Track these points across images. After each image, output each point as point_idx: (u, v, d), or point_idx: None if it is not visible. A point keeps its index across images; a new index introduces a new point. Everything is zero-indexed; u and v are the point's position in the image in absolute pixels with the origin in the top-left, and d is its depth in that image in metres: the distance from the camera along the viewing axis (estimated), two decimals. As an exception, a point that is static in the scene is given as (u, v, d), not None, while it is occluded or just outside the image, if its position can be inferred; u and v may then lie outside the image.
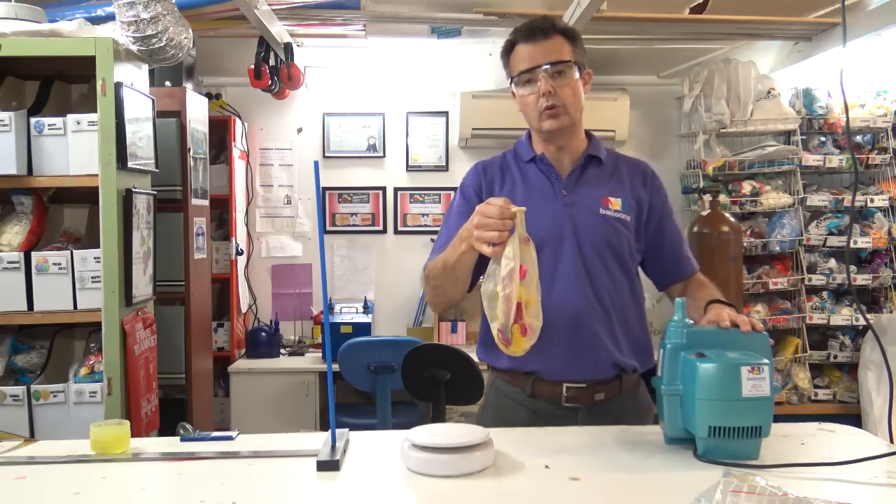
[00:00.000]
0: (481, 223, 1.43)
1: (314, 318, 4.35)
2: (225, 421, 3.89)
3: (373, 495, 1.25)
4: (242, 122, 4.24)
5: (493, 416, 1.78)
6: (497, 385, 1.80)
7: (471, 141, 4.22)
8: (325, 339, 1.69)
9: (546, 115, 1.71)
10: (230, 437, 1.54)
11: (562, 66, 1.69)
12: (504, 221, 1.41)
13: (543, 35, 1.70)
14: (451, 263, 1.60)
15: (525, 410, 1.73)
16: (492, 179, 1.80)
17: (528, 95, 1.72)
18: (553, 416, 1.70)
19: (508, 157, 1.85)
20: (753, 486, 1.15)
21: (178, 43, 2.56)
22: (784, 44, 3.98)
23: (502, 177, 1.80)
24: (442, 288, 1.69)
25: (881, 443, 1.47)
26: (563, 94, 1.69)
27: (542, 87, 1.68)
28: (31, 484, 1.32)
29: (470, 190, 1.80)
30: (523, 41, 1.72)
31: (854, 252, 4.05)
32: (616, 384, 1.73)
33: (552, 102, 1.69)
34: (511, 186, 1.78)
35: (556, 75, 1.69)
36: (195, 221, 3.30)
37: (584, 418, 1.71)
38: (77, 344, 2.69)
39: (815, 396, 3.94)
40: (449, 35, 3.78)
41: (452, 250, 1.59)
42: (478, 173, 1.82)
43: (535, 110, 1.72)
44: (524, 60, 1.71)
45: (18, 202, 2.55)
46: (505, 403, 1.77)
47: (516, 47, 1.74)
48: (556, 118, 1.71)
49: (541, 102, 1.70)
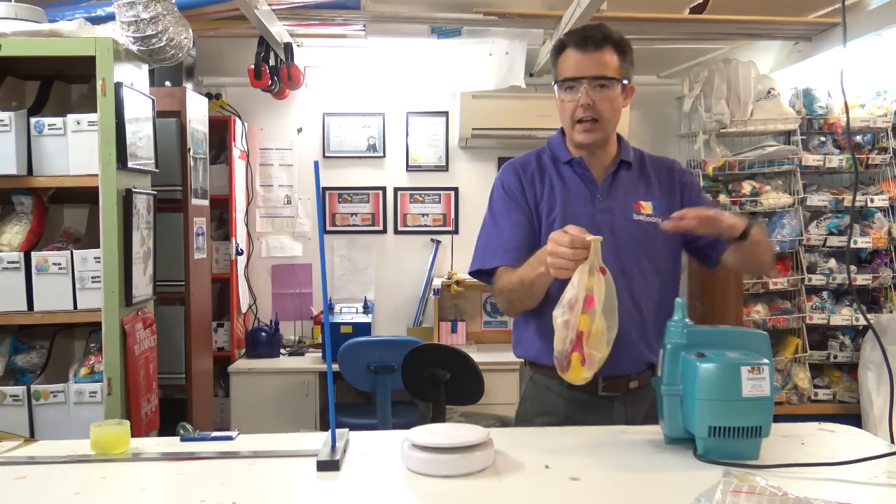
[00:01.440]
0: (553, 251, 1.46)
1: (314, 318, 4.35)
2: (225, 421, 3.89)
3: (373, 495, 1.25)
4: (242, 122, 4.24)
5: (533, 408, 1.85)
6: (535, 379, 1.85)
7: (471, 141, 4.22)
8: (325, 339, 1.69)
9: (580, 127, 1.73)
10: (230, 437, 1.54)
11: (606, 81, 1.70)
12: (576, 251, 1.43)
13: (594, 46, 1.70)
14: (528, 281, 1.65)
15: (563, 401, 1.78)
16: (532, 179, 1.81)
17: (567, 102, 1.73)
18: (590, 405, 1.76)
19: (545, 158, 1.86)
20: (753, 486, 1.15)
21: (178, 43, 2.56)
22: (784, 44, 3.97)
23: (541, 178, 1.81)
24: (519, 301, 1.76)
25: (881, 443, 1.47)
26: (601, 108, 1.71)
27: (582, 99, 1.70)
28: (31, 484, 1.32)
29: (513, 189, 1.82)
30: (574, 47, 1.72)
31: (854, 252, 4.05)
32: (649, 373, 1.77)
33: (590, 115, 1.71)
34: (550, 188, 1.80)
35: (599, 88, 1.70)
36: (195, 221, 3.30)
37: (620, 406, 1.76)
38: (77, 344, 2.69)
39: (815, 396, 3.94)
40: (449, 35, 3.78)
41: (530, 269, 1.64)
42: (516, 172, 1.83)
43: (570, 118, 1.74)
44: (570, 68, 1.71)
45: (18, 202, 2.54)
46: (544, 395, 1.82)
47: (566, 51, 1.74)
48: (589, 133, 1.73)
49: (577, 112, 1.71)
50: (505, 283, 1.74)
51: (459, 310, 4.32)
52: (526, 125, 3.96)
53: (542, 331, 1.75)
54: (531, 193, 1.80)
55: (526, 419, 1.85)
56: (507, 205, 1.81)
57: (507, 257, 1.76)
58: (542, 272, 1.57)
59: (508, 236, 1.78)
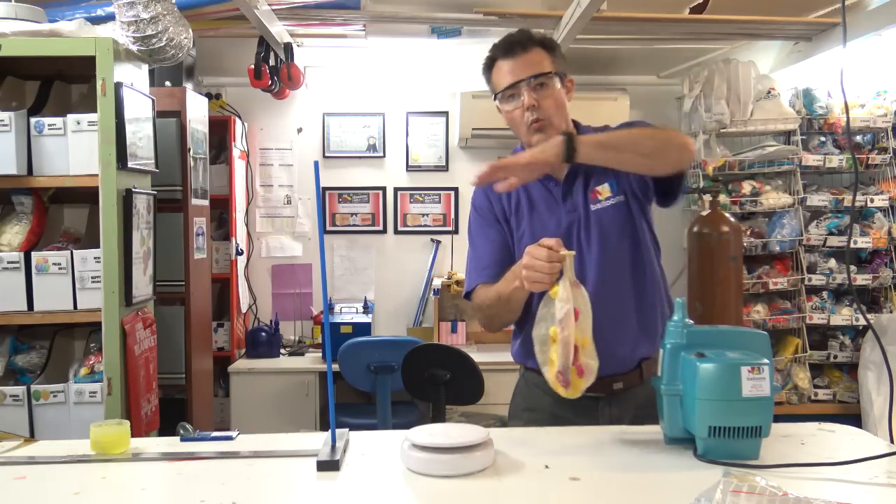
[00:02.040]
0: (529, 264, 1.48)
1: (314, 318, 4.35)
2: (225, 421, 3.89)
3: (373, 495, 1.25)
4: (242, 122, 4.24)
5: (522, 403, 1.88)
6: (526, 376, 1.89)
7: (471, 141, 4.22)
8: (325, 339, 1.69)
9: (533, 128, 1.71)
10: (230, 437, 1.54)
11: (542, 78, 1.70)
12: (552, 265, 1.45)
13: (522, 49, 1.71)
14: (505, 296, 1.68)
15: (549, 398, 1.78)
16: (499, 195, 1.81)
17: (513, 111, 1.73)
18: (575, 405, 1.73)
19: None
20: (753, 486, 1.15)
21: (178, 43, 2.56)
22: (784, 44, 3.97)
23: (507, 194, 1.80)
24: (498, 316, 1.77)
25: (881, 443, 1.47)
26: (546, 105, 1.70)
27: (526, 101, 1.69)
28: (31, 484, 1.32)
29: (483, 208, 1.84)
30: (503, 56, 1.72)
31: (854, 252, 4.05)
32: (636, 373, 1.76)
33: (537, 116, 1.70)
34: (517, 201, 1.81)
35: (539, 87, 1.70)
36: (195, 221, 3.30)
37: (604, 406, 1.76)
38: (77, 344, 2.69)
39: (815, 396, 3.94)
40: (449, 35, 3.78)
41: (506, 284, 1.66)
42: (485, 192, 1.84)
43: (522, 125, 1.73)
44: (506, 76, 1.72)
45: (18, 202, 2.55)
46: (532, 392, 1.84)
47: (497, 63, 1.74)
48: (542, 132, 1.71)
49: (526, 116, 1.71)
50: (482, 299, 1.77)
51: (459, 310, 4.31)
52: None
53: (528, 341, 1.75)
54: (499, 209, 1.82)
55: (515, 414, 1.89)
56: (479, 224, 1.84)
57: (482, 275, 1.79)
58: (517, 286, 1.59)
59: (482, 254, 1.81)
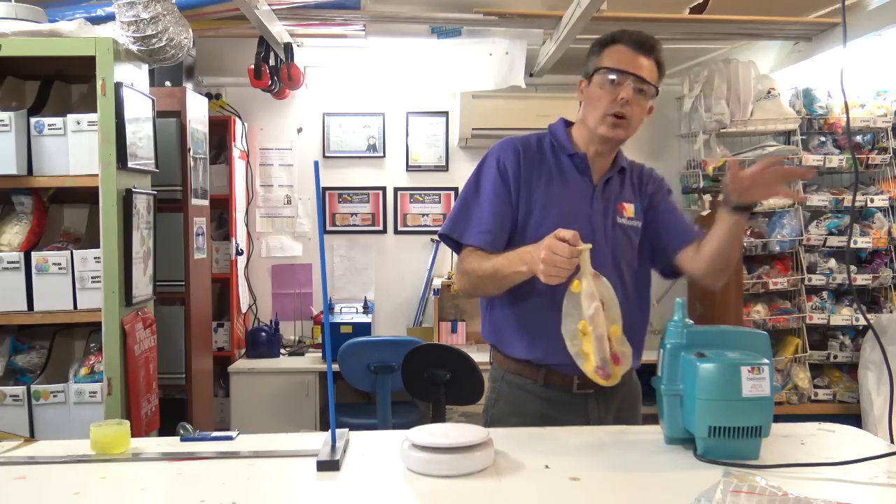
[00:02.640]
0: (549, 259, 1.46)
1: (314, 318, 4.35)
2: (225, 421, 3.89)
3: (373, 495, 1.25)
4: (242, 122, 4.24)
5: (507, 408, 1.81)
6: (508, 378, 1.82)
7: (471, 141, 4.22)
8: (325, 339, 1.69)
9: (610, 121, 1.71)
10: (230, 437, 1.54)
11: (649, 87, 1.72)
12: (572, 260, 1.45)
13: (649, 52, 1.73)
14: (502, 274, 1.65)
15: (538, 400, 1.78)
16: (531, 163, 1.78)
17: (605, 93, 1.72)
18: (566, 403, 1.76)
19: (545, 145, 1.83)
20: (753, 486, 1.15)
21: (178, 43, 2.56)
22: (784, 44, 3.97)
23: (540, 165, 1.79)
24: (484, 288, 1.75)
25: (881, 443, 1.47)
26: (635, 110, 1.72)
27: (624, 93, 1.69)
28: (31, 484, 1.32)
29: (508, 172, 1.77)
30: (628, 45, 1.73)
31: (854, 252, 4.05)
32: None
33: (624, 112, 1.70)
34: (548, 178, 1.78)
35: (639, 92, 1.71)
36: (195, 221, 3.30)
37: (593, 403, 1.77)
38: (77, 344, 2.69)
39: (815, 396, 3.94)
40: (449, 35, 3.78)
41: (509, 264, 1.63)
42: (517, 153, 1.79)
43: (601, 110, 1.72)
44: (622, 61, 1.71)
45: (18, 202, 2.55)
46: (518, 395, 1.80)
47: (617, 45, 1.74)
48: (616, 128, 1.72)
49: (612, 107, 1.70)
50: (475, 266, 1.71)
51: (459, 310, 4.32)
52: (526, 125, 3.93)
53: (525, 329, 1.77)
54: (527, 177, 1.76)
55: (500, 420, 1.80)
56: (496, 186, 1.76)
57: (480, 238, 1.73)
58: (521, 271, 1.58)
59: (487, 218, 1.74)
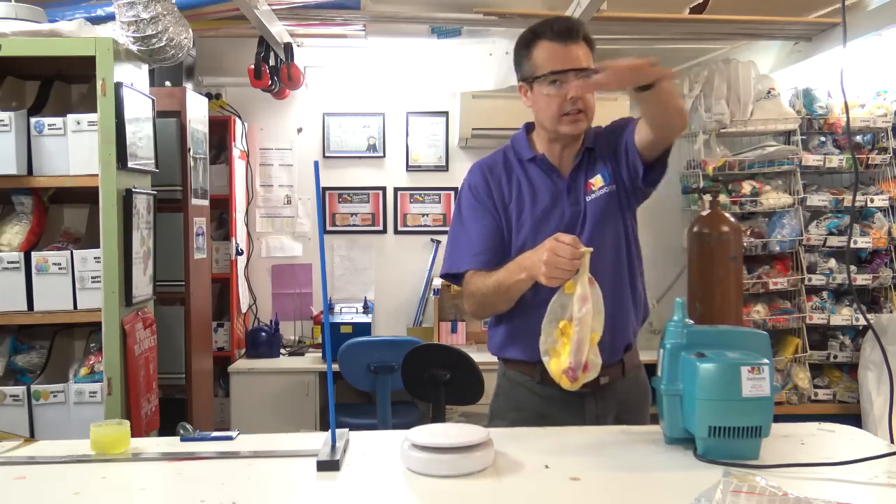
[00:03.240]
0: (552, 261, 1.48)
1: (314, 318, 4.35)
2: (225, 421, 3.89)
3: (373, 495, 1.25)
4: (242, 122, 4.24)
5: (506, 403, 1.85)
6: (508, 375, 1.86)
7: (471, 141, 4.22)
8: (325, 339, 1.69)
9: (568, 119, 1.71)
10: (230, 437, 1.54)
11: (591, 73, 1.68)
12: (574, 262, 1.47)
13: (574, 38, 1.70)
14: (505, 286, 1.67)
15: (536, 397, 1.80)
16: (499, 180, 1.81)
17: (553, 96, 1.71)
18: (562, 402, 1.76)
19: (510, 156, 1.85)
20: (753, 486, 1.15)
21: (178, 43, 2.56)
22: (784, 44, 3.98)
23: (508, 177, 1.81)
24: (492, 305, 1.77)
25: (881, 443, 1.47)
26: (587, 99, 1.71)
27: (571, 92, 1.68)
28: (31, 484, 1.32)
29: (480, 191, 1.81)
30: (553, 39, 1.70)
31: (854, 252, 4.05)
32: (619, 367, 1.79)
33: (579, 107, 1.70)
34: (518, 188, 1.80)
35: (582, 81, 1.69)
36: (195, 221, 3.30)
37: (591, 402, 1.77)
38: (77, 344, 2.69)
39: (815, 396, 3.94)
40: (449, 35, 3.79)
41: (509, 275, 1.66)
42: (483, 173, 1.82)
43: (555, 112, 1.72)
44: (555, 61, 1.70)
45: (18, 202, 2.54)
46: (516, 391, 1.83)
47: (541, 43, 1.72)
48: (577, 123, 1.72)
49: (567, 106, 1.70)
50: (479, 286, 1.75)
51: (459, 310, 4.31)
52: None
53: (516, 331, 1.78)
54: (498, 194, 1.79)
55: (499, 415, 1.85)
56: (474, 207, 1.80)
57: (475, 261, 1.77)
58: (522, 279, 1.61)
59: (476, 239, 1.78)
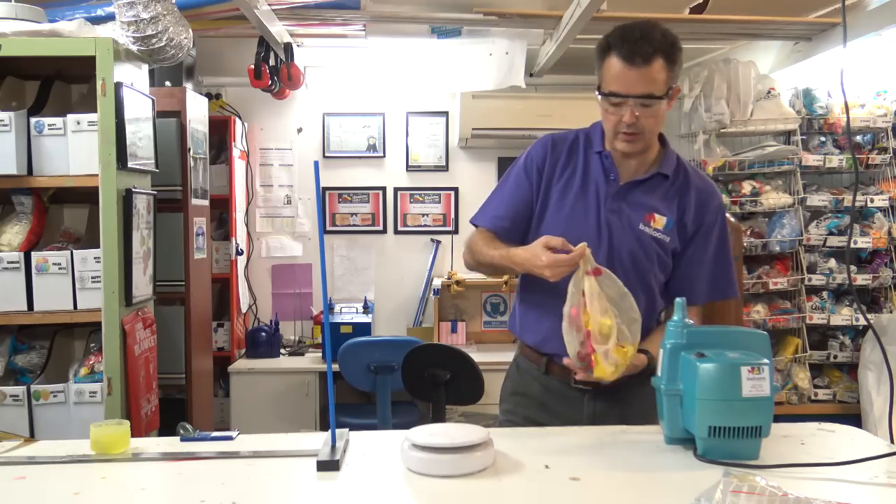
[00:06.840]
0: (553, 262, 1.57)
1: (314, 318, 4.35)
2: (225, 421, 3.89)
3: (373, 495, 1.25)
4: (242, 122, 4.24)
5: (511, 386, 1.92)
6: (518, 361, 1.92)
7: (471, 141, 4.22)
8: (325, 339, 1.69)
9: (622, 137, 1.69)
10: (230, 437, 1.54)
11: (653, 100, 1.64)
12: (573, 257, 1.54)
13: (643, 61, 1.60)
14: (498, 266, 1.78)
15: (539, 385, 1.84)
16: (557, 159, 1.80)
17: (610, 114, 1.69)
18: (562, 395, 1.80)
19: (581, 139, 1.83)
20: (753, 486, 1.15)
21: (178, 43, 2.56)
22: (784, 44, 3.97)
23: (568, 159, 1.80)
24: (483, 268, 1.87)
25: (881, 443, 1.47)
26: (645, 123, 1.67)
27: (626, 117, 1.65)
28: (31, 484, 1.32)
29: (533, 165, 1.82)
30: (620, 58, 1.62)
31: (854, 252, 4.05)
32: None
33: (633, 130, 1.67)
34: (572, 172, 1.79)
35: (644, 106, 1.64)
36: (195, 221, 3.30)
37: (590, 401, 1.79)
38: (77, 344, 2.69)
39: (815, 396, 3.93)
40: (449, 35, 3.78)
41: (504, 262, 1.74)
42: (545, 148, 1.82)
43: (611, 129, 1.70)
44: (616, 82, 1.63)
45: (18, 202, 2.55)
46: (523, 377, 1.89)
47: (611, 57, 1.64)
48: (630, 143, 1.70)
49: (621, 126, 1.67)
50: (480, 248, 1.81)
51: (459, 310, 4.32)
52: (526, 125, 3.96)
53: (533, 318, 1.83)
54: (549, 171, 1.79)
55: (504, 397, 1.93)
56: (519, 174, 1.83)
57: (492, 222, 1.84)
58: (513, 269, 1.73)
59: (503, 203, 1.84)
